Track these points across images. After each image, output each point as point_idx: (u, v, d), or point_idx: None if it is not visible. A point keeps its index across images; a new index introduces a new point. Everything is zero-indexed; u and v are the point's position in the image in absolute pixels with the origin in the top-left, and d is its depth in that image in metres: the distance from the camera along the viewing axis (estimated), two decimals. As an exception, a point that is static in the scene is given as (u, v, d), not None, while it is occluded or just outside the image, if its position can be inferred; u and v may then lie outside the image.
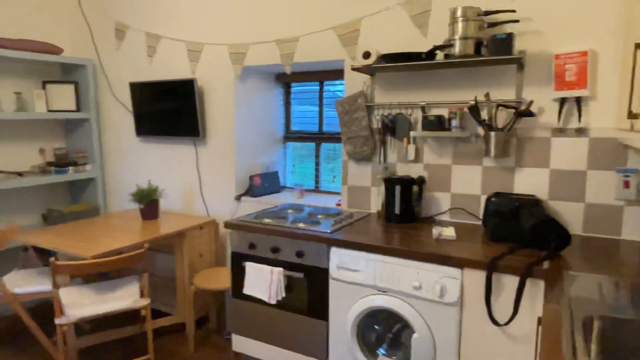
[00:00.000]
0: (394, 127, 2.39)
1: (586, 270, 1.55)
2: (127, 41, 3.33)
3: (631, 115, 1.41)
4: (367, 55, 2.22)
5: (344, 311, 2.01)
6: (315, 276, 2.09)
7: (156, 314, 3.07)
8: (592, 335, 1.16)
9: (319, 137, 3.15)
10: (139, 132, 3.29)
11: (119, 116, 3.48)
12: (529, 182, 2.13)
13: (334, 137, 3.07)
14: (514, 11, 2.01)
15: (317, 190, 3.18)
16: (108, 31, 3.41)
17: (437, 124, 2.22)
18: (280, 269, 2.14)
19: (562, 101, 2.02)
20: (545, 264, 1.63)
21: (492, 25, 2.07)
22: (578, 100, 1.98)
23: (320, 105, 3.12)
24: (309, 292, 2.12)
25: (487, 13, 2.04)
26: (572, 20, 1.97)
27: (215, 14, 2.94)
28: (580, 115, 1.99)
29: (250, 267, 2.23)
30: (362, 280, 1.94)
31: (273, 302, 2.16)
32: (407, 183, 2.23)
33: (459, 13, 2.05)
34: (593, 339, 1.16)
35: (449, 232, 1.98)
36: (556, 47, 2.01)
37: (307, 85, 3.19)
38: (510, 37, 1.95)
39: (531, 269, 1.60)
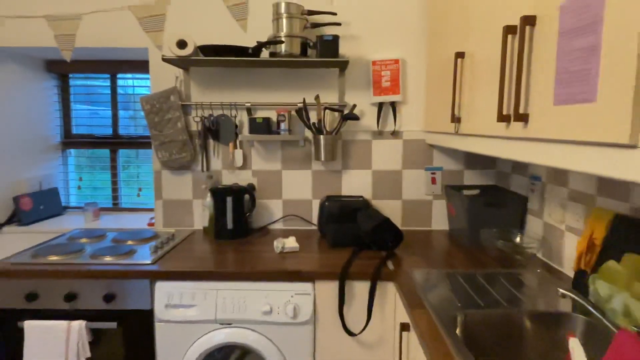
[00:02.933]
0: (217, 130, 2.10)
1: (420, 263, 1.63)
2: None
3: (455, 119, 1.54)
4: (182, 44, 1.86)
5: (178, 358, 1.63)
6: (134, 322, 1.62)
7: None
8: (456, 329, 1.19)
9: (114, 142, 2.55)
10: None
11: None
12: (355, 183, 2.18)
13: (135, 142, 2.54)
14: (335, 14, 2.00)
15: (116, 208, 2.58)
16: None
17: (265, 127, 2.05)
18: (82, 322, 1.58)
19: (380, 105, 2.13)
20: (390, 265, 1.65)
21: (315, 26, 2.02)
22: (393, 105, 2.12)
23: (114, 103, 2.54)
24: (127, 345, 1.63)
25: (311, 13, 1.97)
26: (385, 28, 2.09)
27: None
28: (395, 119, 2.14)
29: (31, 327, 1.58)
30: (199, 316, 1.59)
31: (73, 369, 1.58)
32: (239, 192, 1.98)
33: (282, 9, 1.92)
34: (459, 332, 1.18)
35: (291, 244, 1.83)
36: (373, 53, 2.10)
37: (94, 77, 2.54)
38: (336, 39, 1.93)
39: (379, 272, 1.59)
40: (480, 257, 1.74)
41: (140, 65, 2.43)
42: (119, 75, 2.52)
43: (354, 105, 2.06)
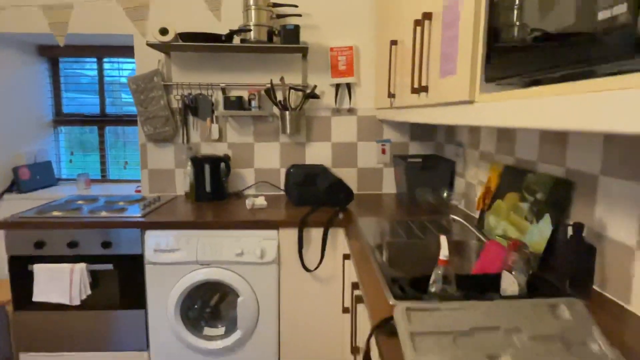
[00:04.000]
0: (195, 107, 2.41)
1: (367, 216, 2.00)
2: None
3: (390, 95, 1.90)
4: (164, 31, 2.16)
5: (165, 294, 1.96)
6: (127, 265, 1.95)
7: None
8: (383, 252, 1.56)
9: (101, 120, 2.83)
10: None
11: None
12: (318, 154, 2.53)
13: (121, 120, 2.83)
14: (296, 6, 2.32)
15: (105, 180, 2.87)
16: None
17: (238, 104, 2.37)
18: (83, 265, 1.89)
19: (337, 86, 2.47)
20: (340, 216, 2.01)
21: (280, 16, 2.34)
22: (348, 86, 2.47)
23: (101, 85, 2.81)
24: (121, 284, 1.96)
25: (275, 5, 2.29)
26: (341, 18, 2.42)
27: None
28: (350, 98, 2.48)
29: (40, 269, 1.88)
30: (183, 258, 1.92)
31: (76, 303, 1.90)
32: (216, 161, 2.30)
33: (251, 1, 2.23)
34: (384, 253, 1.55)
35: (261, 202, 2.17)
36: (331, 40, 2.44)
37: (82, 61, 2.81)
38: (297, 28, 2.25)
39: (332, 220, 1.95)
40: (415, 210, 2.11)
41: (124, 50, 2.71)
42: (105, 59, 2.79)
43: (315, 86, 2.39)
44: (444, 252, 1.11)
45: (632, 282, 1.04)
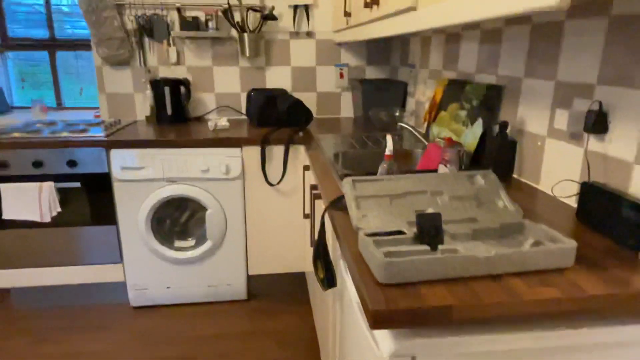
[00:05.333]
0: (151, 29, 2.37)
1: (326, 134, 2.14)
2: None
3: (346, 14, 1.97)
4: (113, -56, 2.07)
5: (134, 209, 2.06)
6: (95, 182, 2.01)
7: None
8: (339, 160, 1.71)
9: (51, 45, 2.73)
10: None
11: None
12: (277, 78, 2.59)
13: (74, 44, 2.73)
14: None
15: (61, 107, 2.82)
16: None
17: (194, 26, 2.35)
18: (50, 183, 1.95)
19: (295, 8, 2.49)
20: (301, 134, 2.13)
21: None
22: (306, 8, 2.49)
23: (48, 9, 2.67)
24: (90, 201, 2.03)
25: None
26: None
27: None
28: (308, 21, 2.52)
29: (6, 188, 1.92)
30: (150, 175, 2.01)
31: (47, 220, 1.97)
32: (175, 83, 2.32)
33: None
34: (340, 160, 1.71)
35: (223, 122, 2.25)
36: (288, -40, 2.41)
37: (23, -21, 2.64)
38: (253, -55, 2.21)
39: (292, 138, 2.07)
40: (370, 128, 2.27)
41: (70, -32, 2.56)
42: (48, -22, 2.63)
43: (273, 7, 2.40)
44: (389, 147, 1.26)
45: (542, 166, 1.25)
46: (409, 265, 0.71)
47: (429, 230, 0.80)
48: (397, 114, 2.26)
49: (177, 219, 2.24)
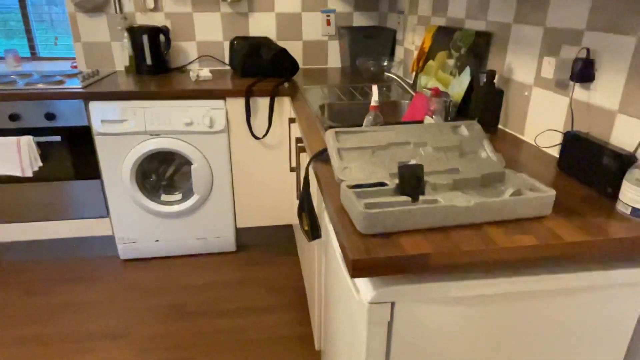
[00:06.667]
0: (125, -29, 2.23)
1: (312, 85, 2.08)
2: None
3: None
4: None
5: (118, 163, 2.03)
6: (76, 136, 1.96)
7: None
8: (325, 112, 1.68)
9: (19, -10, 2.55)
10: None
11: None
12: (261, 25, 2.48)
13: (43, -11, 2.56)
14: None
15: (35, 57, 2.69)
16: None
17: (172, -32, 2.21)
18: (29, 137, 1.89)
19: (279, -51, 2.34)
20: (286, 85, 2.08)
21: None
22: (291, -51, 2.34)
23: (11, -54, 2.48)
24: (72, 155, 1.99)
25: None
26: None
27: None
28: (293, -37, 2.38)
29: (-17, 143, 1.87)
30: (132, 129, 1.96)
31: (28, 174, 1.93)
32: (154, 31, 2.22)
33: None
34: (325, 112, 1.68)
35: (205, 73, 2.17)
36: None
37: None
38: None
39: (277, 89, 2.02)
40: (358, 79, 2.21)
41: None
42: None
43: (255, -52, 2.26)
44: (374, 99, 1.24)
45: (527, 116, 1.24)
46: (389, 215, 0.71)
47: (410, 182, 0.80)
48: (385, 63, 2.21)
49: (162, 173, 2.22)
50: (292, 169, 1.89)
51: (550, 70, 1.08)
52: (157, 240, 2.20)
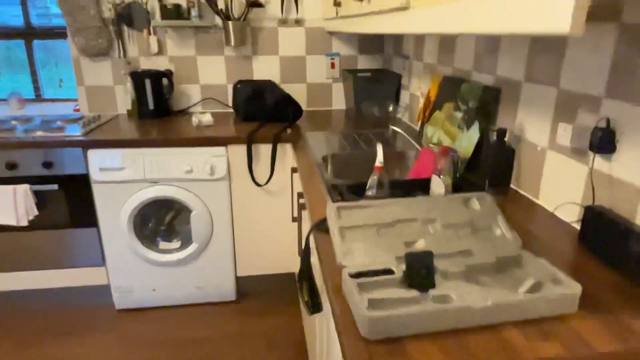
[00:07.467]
0: (129, 17, 2.23)
1: (315, 131, 2.04)
2: None
3: (336, 3, 1.84)
4: None
5: (115, 211, 1.97)
6: (73, 184, 1.92)
7: None
8: (328, 164, 1.62)
9: (28, 34, 2.58)
10: None
11: None
12: (265, 68, 2.46)
13: (50, 33, 2.58)
14: None
15: (39, 99, 2.69)
16: None
17: (176, 14, 2.21)
18: (26, 186, 1.85)
19: (283, -6, 2.35)
20: (288, 131, 2.03)
21: None
22: (295, -6, 2.35)
23: (20, -8, 2.51)
24: (69, 203, 1.94)
25: None
26: None
27: None
28: (297, 8, 2.38)
29: (-22, 192, 1.82)
30: (130, 176, 1.91)
31: (24, 223, 1.88)
32: (157, 75, 2.20)
33: None
34: (329, 165, 1.62)
35: (207, 118, 2.14)
36: (274, -58, 2.26)
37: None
38: None
39: (279, 136, 1.98)
40: (362, 123, 2.17)
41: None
42: (19, -40, 2.46)
43: (259, -6, 2.26)
44: (379, 159, 1.18)
45: (542, 179, 1.17)
46: (395, 320, 0.64)
47: (419, 272, 0.72)
48: (391, 109, 2.16)
49: (161, 218, 2.15)
50: (294, 219, 1.82)
51: (567, 137, 1.01)
52: (154, 290, 2.11)
